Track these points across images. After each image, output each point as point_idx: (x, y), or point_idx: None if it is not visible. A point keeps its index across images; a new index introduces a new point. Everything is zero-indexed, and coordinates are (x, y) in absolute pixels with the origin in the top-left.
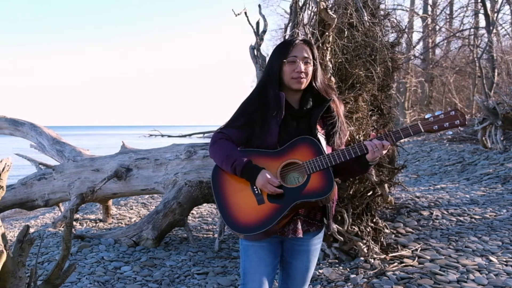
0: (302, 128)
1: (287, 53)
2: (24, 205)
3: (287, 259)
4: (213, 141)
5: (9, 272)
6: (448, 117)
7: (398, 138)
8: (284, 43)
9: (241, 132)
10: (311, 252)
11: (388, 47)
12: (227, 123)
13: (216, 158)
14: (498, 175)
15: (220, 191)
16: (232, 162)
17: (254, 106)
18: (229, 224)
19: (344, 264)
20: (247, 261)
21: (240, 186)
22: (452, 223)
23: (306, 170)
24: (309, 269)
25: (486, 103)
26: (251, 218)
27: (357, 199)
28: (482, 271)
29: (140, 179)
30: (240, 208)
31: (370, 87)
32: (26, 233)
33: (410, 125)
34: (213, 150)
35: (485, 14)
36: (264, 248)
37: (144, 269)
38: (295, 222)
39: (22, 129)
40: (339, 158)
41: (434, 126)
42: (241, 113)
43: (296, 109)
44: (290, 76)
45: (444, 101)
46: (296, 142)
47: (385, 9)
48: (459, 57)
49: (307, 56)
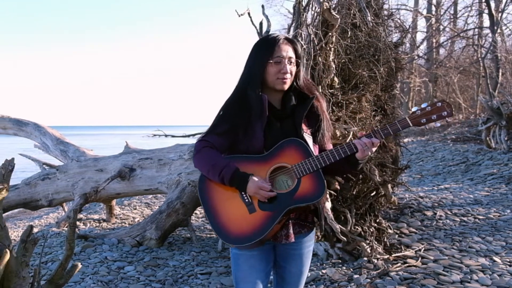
0: (286, 129)
1: (272, 53)
2: (28, 205)
3: (280, 263)
4: (196, 150)
5: (12, 272)
6: (435, 109)
7: (387, 134)
8: (267, 42)
9: (224, 139)
10: (304, 255)
11: (392, 47)
12: (209, 130)
13: (201, 168)
14: (502, 175)
15: (208, 202)
16: (219, 172)
17: (235, 110)
18: (221, 236)
19: (347, 264)
20: (238, 270)
21: (228, 195)
22: (456, 224)
23: (295, 174)
24: (303, 272)
25: (490, 103)
26: (243, 228)
27: (360, 199)
28: (486, 272)
29: (143, 179)
30: (231, 219)
31: (374, 88)
32: (30, 233)
33: (398, 120)
34: (197, 160)
35: (490, 14)
36: (255, 256)
37: (147, 269)
38: (287, 226)
39: (26, 129)
40: (328, 159)
41: (422, 120)
42: (222, 118)
43: (278, 110)
44: (275, 76)
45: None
46: (283, 145)
47: (388, 9)
48: (463, 57)
49: (292, 56)
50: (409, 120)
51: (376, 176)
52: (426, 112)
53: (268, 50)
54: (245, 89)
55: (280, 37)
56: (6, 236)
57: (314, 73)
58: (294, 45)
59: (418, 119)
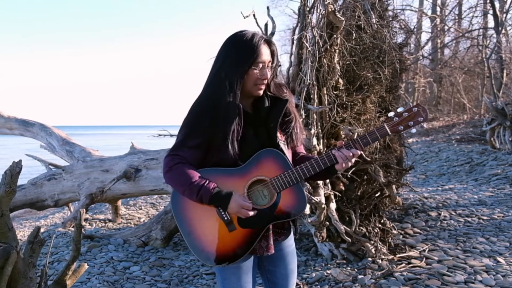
0: (261, 137)
1: (254, 59)
2: (34, 205)
3: (269, 268)
4: (168, 167)
5: (20, 273)
6: (411, 114)
7: (366, 143)
8: (247, 46)
9: (196, 153)
10: (290, 254)
11: (396, 48)
12: (179, 143)
13: (175, 187)
14: (507, 176)
15: (184, 219)
16: (197, 191)
17: (207, 120)
18: (201, 258)
19: (352, 264)
20: (226, 283)
21: (205, 213)
22: (460, 224)
23: (275, 188)
24: (293, 270)
25: (495, 104)
26: (225, 248)
27: (364, 200)
28: (490, 272)
29: (149, 179)
30: (210, 238)
31: (378, 89)
32: (37, 234)
33: (377, 128)
34: (169, 178)
35: (494, 15)
36: (241, 267)
37: (153, 269)
38: (267, 238)
39: (32, 130)
40: (308, 171)
41: (400, 127)
42: (193, 129)
43: (251, 114)
44: (254, 83)
45: (453, 101)
46: (260, 156)
47: (393, 10)
48: (468, 57)
49: (270, 60)
50: (387, 128)
51: (380, 177)
52: (403, 118)
53: (250, 56)
54: (217, 95)
55: (259, 40)
56: (14, 237)
57: (319, 75)
58: (271, 46)
59: (396, 127)
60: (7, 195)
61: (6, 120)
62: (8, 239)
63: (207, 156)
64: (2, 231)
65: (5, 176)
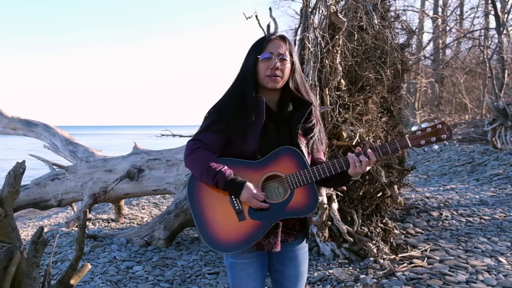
0: (283, 135)
1: (262, 49)
2: (37, 205)
3: (277, 268)
4: (190, 150)
5: (23, 273)
6: (435, 131)
7: (385, 152)
8: (259, 39)
9: (218, 138)
10: (301, 256)
11: (398, 49)
12: (204, 128)
13: (194, 169)
14: (508, 176)
15: (197, 203)
16: (214, 175)
17: (231, 111)
18: (208, 243)
19: (354, 264)
20: (235, 279)
21: (218, 199)
22: (462, 224)
23: (289, 185)
24: (302, 273)
25: (496, 104)
26: (231, 235)
27: (366, 200)
28: (491, 272)
29: (152, 179)
30: (219, 225)
31: (380, 89)
32: (40, 234)
33: (398, 140)
34: (190, 161)
35: (496, 15)
36: (252, 263)
37: (155, 268)
38: (276, 235)
39: (36, 130)
40: (324, 172)
41: (422, 141)
42: (218, 117)
43: (275, 112)
44: (264, 73)
45: (454, 101)
46: (278, 152)
47: (395, 11)
48: (470, 57)
49: (283, 53)
50: (408, 141)
51: (382, 177)
52: (426, 133)
53: (259, 47)
54: (241, 87)
55: (274, 35)
56: (17, 237)
57: (321, 76)
58: (288, 43)
59: (417, 140)
60: (11, 195)
61: (9, 121)
62: (12, 239)
63: (228, 147)
64: (5, 231)
65: (9, 177)
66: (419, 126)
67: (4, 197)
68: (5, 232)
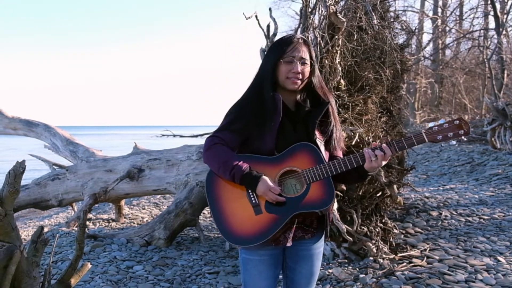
0: (299, 132)
1: (285, 52)
2: (38, 205)
3: (290, 265)
4: (208, 146)
5: (23, 272)
6: (452, 126)
7: (401, 148)
8: (282, 41)
9: (237, 136)
10: (315, 256)
11: (397, 49)
12: (223, 126)
13: (211, 164)
14: (507, 176)
15: (214, 200)
16: (231, 169)
17: (250, 110)
18: (224, 235)
19: (354, 264)
20: (246, 274)
21: (236, 194)
22: (461, 224)
23: (305, 179)
24: (314, 273)
25: (496, 104)
26: (248, 229)
27: (366, 199)
28: (490, 271)
29: (152, 179)
30: (236, 218)
31: (379, 89)
32: (40, 234)
33: (414, 135)
34: (208, 156)
35: (495, 16)
36: (264, 261)
37: (156, 268)
38: (291, 229)
39: (36, 130)
40: (340, 167)
41: (438, 136)
42: (237, 116)
43: (293, 111)
44: (285, 76)
45: (454, 101)
46: (295, 148)
47: (395, 11)
48: (469, 58)
49: (305, 57)
50: (425, 136)
51: (382, 177)
52: (443, 129)
53: (281, 49)
54: (259, 87)
55: (295, 38)
56: (17, 237)
57: (321, 76)
58: (308, 46)
59: (434, 135)
60: (11, 195)
61: (10, 121)
62: (12, 239)
63: (246, 144)
64: (5, 231)
65: (9, 176)
66: (435, 122)
67: (4, 197)
68: (5, 232)
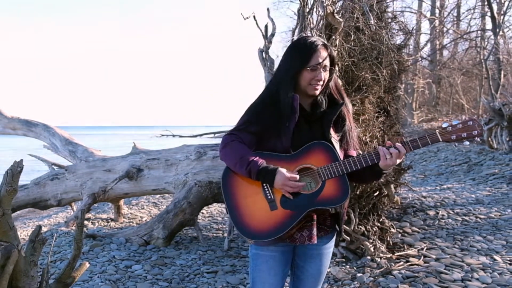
0: (315, 132)
1: (309, 59)
2: (37, 205)
3: (299, 263)
4: (225, 143)
5: (21, 272)
6: (465, 127)
7: (416, 147)
8: (305, 47)
9: (253, 137)
10: (324, 256)
11: (395, 49)
12: (240, 127)
13: (228, 160)
14: (504, 175)
15: (230, 194)
16: (247, 165)
17: (268, 112)
18: (239, 229)
19: (351, 263)
20: (256, 270)
21: (251, 190)
22: (458, 223)
23: (320, 177)
24: (321, 273)
25: (492, 104)
26: (263, 224)
27: (363, 199)
28: (487, 270)
29: (151, 179)
30: (251, 213)
31: (377, 90)
32: (38, 233)
33: (428, 134)
34: (224, 153)
35: (492, 17)
36: (275, 257)
37: (154, 267)
38: (310, 228)
39: (35, 130)
40: (355, 165)
41: (452, 136)
42: (255, 118)
43: (309, 112)
44: (308, 82)
45: (452, 102)
46: (310, 146)
47: (392, 12)
48: (466, 58)
49: (327, 64)
50: (439, 135)
51: None
52: (457, 129)
53: (306, 56)
54: (278, 89)
55: (318, 43)
56: (15, 236)
57: None
58: (329, 50)
59: (448, 135)
60: (9, 194)
61: (9, 121)
62: (9, 238)
63: (262, 142)
64: (3, 230)
65: (6, 176)
66: (449, 123)
67: (1, 196)
68: (2, 231)
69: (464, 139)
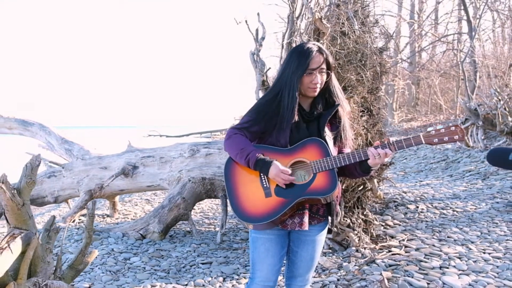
0: (312, 130)
1: (306, 66)
2: (34, 202)
3: (293, 248)
4: (229, 135)
5: (39, 257)
6: (448, 132)
7: (400, 147)
8: (303, 54)
9: (254, 135)
10: (316, 242)
11: (377, 52)
12: (243, 126)
13: (230, 151)
14: (479, 172)
15: (231, 182)
16: (246, 155)
17: (270, 114)
18: (237, 213)
19: (338, 253)
20: (255, 252)
21: (250, 178)
22: (436, 216)
23: (312, 169)
24: (314, 258)
25: (469, 105)
26: (258, 209)
27: (349, 193)
28: (462, 258)
29: (146, 176)
30: (248, 199)
31: (361, 90)
32: (53, 222)
33: (413, 136)
34: (228, 144)
35: (468, 21)
36: (272, 240)
37: (152, 259)
38: (302, 215)
39: (32, 129)
40: (344, 161)
41: (435, 139)
42: (258, 120)
43: (307, 112)
44: (307, 86)
45: (430, 102)
46: (306, 142)
47: (374, 16)
48: (444, 60)
49: (323, 67)
50: (422, 138)
51: None
52: (440, 133)
53: (305, 62)
54: (282, 93)
55: (314, 49)
56: (33, 225)
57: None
58: (325, 55)
59: (431, 138)
60: (28, 186)
61: (5, 120)
62: (29, 226)
63: (262, 138)
64: (23, 219)
65: (26, 169)
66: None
67: (21, 188)
68: (23, 220)
69: (445, 142)
